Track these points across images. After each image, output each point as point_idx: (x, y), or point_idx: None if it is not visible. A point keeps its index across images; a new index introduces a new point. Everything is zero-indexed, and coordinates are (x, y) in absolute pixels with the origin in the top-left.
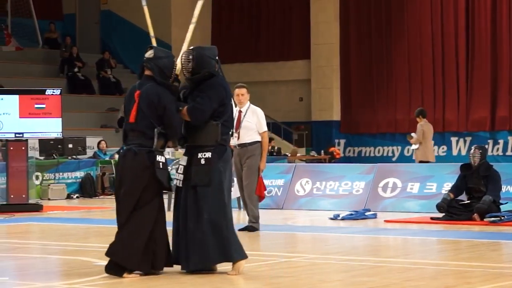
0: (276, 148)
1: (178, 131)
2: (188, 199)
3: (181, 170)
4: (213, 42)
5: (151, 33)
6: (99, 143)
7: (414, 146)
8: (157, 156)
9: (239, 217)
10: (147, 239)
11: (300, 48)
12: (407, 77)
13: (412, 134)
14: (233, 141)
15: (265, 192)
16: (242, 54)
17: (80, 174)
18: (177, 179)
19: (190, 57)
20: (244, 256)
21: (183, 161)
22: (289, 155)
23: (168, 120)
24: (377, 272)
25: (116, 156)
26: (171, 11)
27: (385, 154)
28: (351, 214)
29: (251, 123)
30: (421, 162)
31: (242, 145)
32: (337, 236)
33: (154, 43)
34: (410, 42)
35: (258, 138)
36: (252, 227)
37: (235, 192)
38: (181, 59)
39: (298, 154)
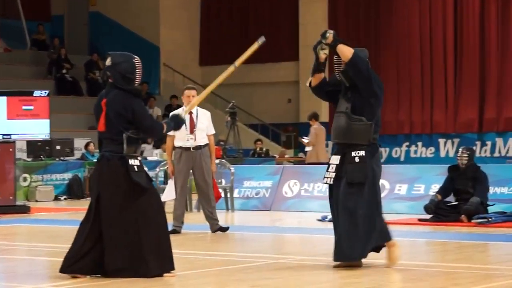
0: (264, 149)
1: (153, 131)
2: (342, 196)
3: (332, 168)
4: (202, 44)
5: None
6: (87, 144)
7: (307, 148)
8: (129, 160)
9: (190, 218)
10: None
11: (289, 49)
12: (395, 78)
13: (304, 137)
14: (189, 143)
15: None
16: (230, 56)
17: (67, 175)
18: (327, 177)
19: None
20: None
21: (335, 160)
22: (277, 156)
23: (139, 123)
24: (365, 274)
25: None
26: (160, 12)
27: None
28: None
29: (204, 124)
30: (312, 163)
31: (197, 147)
32: (325, 237)
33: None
34: (398, 43)
35: (207, 141)
36: (223, 228)
37: (170, 194)
38: (334, 60)
39: (286, 156)
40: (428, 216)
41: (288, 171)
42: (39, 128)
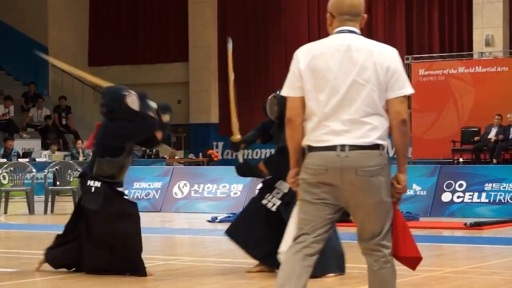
0: (154, 150)
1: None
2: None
3: (279, 196)
4: (91, 45)
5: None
6: None
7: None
8: (89, 181)
9: None
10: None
11: (178, 50)
12: (284, 78)
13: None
14: None
15: None
16: (119, 56)
17: None
18: (270, 202)
19: (276, 101)
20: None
21: (286, 188)
22: (167, 157)
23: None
24: (255, 275)
25: None
26: (48, 12)
27: (264, 157)
28: (229, 217)
29: None
30: None
31: None
32: (215, 238)
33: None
34: (287, 43)
35: None
36: None
37: None
38: (268, 103)
39: (176, 157)
40: None
41: (178, 172)
42: None
